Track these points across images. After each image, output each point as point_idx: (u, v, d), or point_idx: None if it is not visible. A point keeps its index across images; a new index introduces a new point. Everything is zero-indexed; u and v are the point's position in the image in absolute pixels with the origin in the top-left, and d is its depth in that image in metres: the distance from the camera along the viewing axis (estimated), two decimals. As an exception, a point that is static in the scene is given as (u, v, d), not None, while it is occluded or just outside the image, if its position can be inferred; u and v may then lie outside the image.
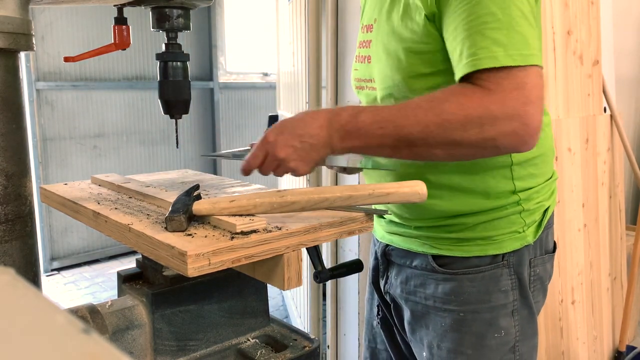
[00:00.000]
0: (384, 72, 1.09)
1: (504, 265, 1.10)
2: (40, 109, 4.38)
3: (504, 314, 1.10)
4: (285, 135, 0.95)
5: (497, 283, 1.10)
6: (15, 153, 0.98)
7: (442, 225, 1.11)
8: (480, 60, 0.88)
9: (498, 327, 1.10)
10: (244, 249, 0.80)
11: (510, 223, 1.09)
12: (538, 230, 1.13)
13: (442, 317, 1.12)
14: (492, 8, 0.89)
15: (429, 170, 1.08)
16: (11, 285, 0.30)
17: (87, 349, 0.25)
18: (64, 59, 1.23)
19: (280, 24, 3.40)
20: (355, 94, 1.27)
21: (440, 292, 1.12)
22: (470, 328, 1.10)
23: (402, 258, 1.19)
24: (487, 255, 1.09)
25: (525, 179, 1.10)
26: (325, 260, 1.76)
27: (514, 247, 1.10)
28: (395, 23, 1.05)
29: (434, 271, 1.12)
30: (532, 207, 1.11)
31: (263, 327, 1.10)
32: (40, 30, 4.28)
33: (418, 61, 1.02)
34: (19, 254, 1.00)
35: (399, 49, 1.04)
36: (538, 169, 1.12)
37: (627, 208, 3.20)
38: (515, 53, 0.88)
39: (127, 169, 4.82)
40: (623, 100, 3.09)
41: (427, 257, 1.13)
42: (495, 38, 0.88)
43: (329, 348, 2.53)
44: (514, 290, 1.11)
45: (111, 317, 0.96)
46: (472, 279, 1.10)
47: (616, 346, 2.71)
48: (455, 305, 1.11)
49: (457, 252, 1.11)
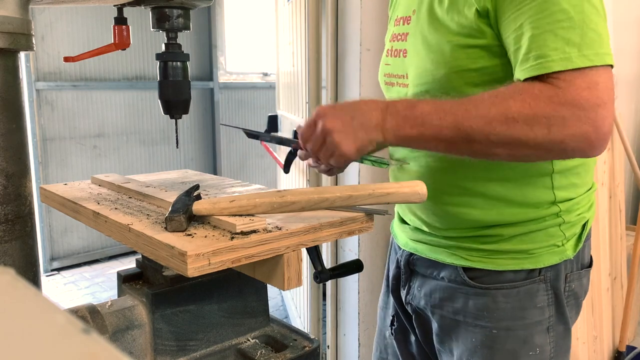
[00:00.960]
0: (423, 67, 1.02)
1: (540, 281, 1.03)
2: (40, 109, 4.38)
3: (539, 331, 1.04)
4: (337, 110, 0.93)
5: (532, 299, 1.03)
6: (15, 153, 0.98)
7: (475, 236, 1.05)
8: (552, 63, 0.82)
9: (533, 345, 1.04)
10: (244, 249, 0.80)
11: (549, 236, 1.03)
12: (578, 244, 1.06)
13: (473, 333, 1.06)
14: (563, 5, 0.83)
15: (462, 177, 1.03)
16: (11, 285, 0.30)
17: (87, 349, 0.25)
18: (64, 59, 1.23)
19: (279, 24, 3.40)
20: (384, 92, 1.19)
21: (471, 306, 1.05)
22: (503, 345, 1.04)
23: (428, 268, 1.12)
24: (523, 270, 1.03)
25: (566, 189, 1.03)
26: (325, 260, 1.76)
27: (552, 262, 1.03)
28: (440, 15, 0.98)
29: (464, 284, 1.06)
30: (573, 219, 1.04)
31: (263, 327, 1.10)
32: (40, 30, 4.28)
33: (464, 56, 0.95)
34: (19, 254, 1.00)
35: (443, 42, 0.97)
36: (580, 178, 1.06)
37: (627, 208, 3.20)
38: (590, 53, 0.82)
39: (127, 169, 4.82)
40: (623, 100, 3.09)
41: (457, 269, 1.06)
42: (568, 38, 0.82)
43: (329, 348, 2.53)
44: (550, 307, 1.04)
45: (111, 317, 0.96)
46: (506, 294, 1.03)
47: (616, 346, 2.71)
48: (487, 321, 1.04)
49: (490, 265, 1.04)
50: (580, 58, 0.82)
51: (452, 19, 0.96)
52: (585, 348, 2.40)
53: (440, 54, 0.98)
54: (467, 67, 0.96)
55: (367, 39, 2.16)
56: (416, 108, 0.90)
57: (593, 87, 0.81)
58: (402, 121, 0.90)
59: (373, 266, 2.36)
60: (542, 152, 0.85)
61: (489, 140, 0.85)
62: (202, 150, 5.47)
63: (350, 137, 0.91)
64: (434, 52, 0.99)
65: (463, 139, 0.87)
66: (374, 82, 2.22)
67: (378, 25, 2.18)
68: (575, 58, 0.82)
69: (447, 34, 0.97)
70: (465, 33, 0.95)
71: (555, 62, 0.82)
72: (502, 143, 0.85)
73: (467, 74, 0.96)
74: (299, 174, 2.81)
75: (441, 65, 0.98)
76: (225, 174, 5.53)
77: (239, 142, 5.73)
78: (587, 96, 0.81)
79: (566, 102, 0.81)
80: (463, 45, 0.95)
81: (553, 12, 0.83)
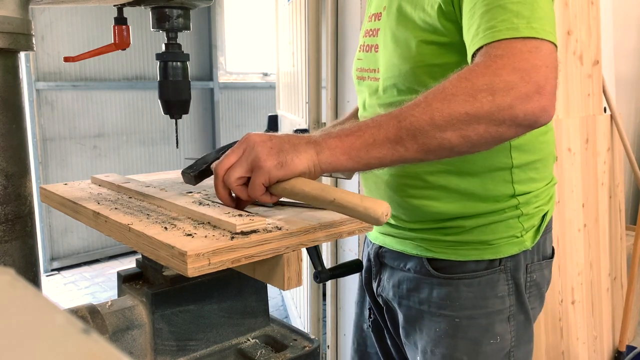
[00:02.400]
0: (390, 61, 1.04)
1: (501, 271, 1.07)
2: (40, 109, 4.38)
3: (500, 320, 1.08)
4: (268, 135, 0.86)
5: (493, 288, 1.07)
6: (15, 153, 0.98)
7: (438, 228, 1.08)
8: (499, 32, 0.80)
9: (494, 333, 1.08)
10: (244, 249, 0.80)
11: (509, 227, 1.07)
12: (536, 235, 1.10)
13: (437, 322, 1.10)
14: None
15: (424, 171, 1.06)
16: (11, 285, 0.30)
17: (87, 349, 0.25)
18: (64, 59, 1.23)
19: (280, 24, 3.40)
20: (356, 85, 1.22)
21: (435, 296, 1.09)
22: (465, 334, 1.08)
23: (395, 260, 1.16)
24: (484, 260, 1.07)
25: (525, 183, 1.07)
26: (325, 260, 1.76)
27: (511, 252, 1.07)
28: (408, 11, 1.01)
29: (428, 275, 1.10)
30: (531, 211, 1.08)
31: (263, 327, 1.10)
32: (40, 30, 4.28)
33: (429, 51, 0.98)
34: (19, 254, 1.00)
35: (409, 37, 1.00)
36: (539, 173, 1.10)
37: (627, 208, 3.20)
38: (537, 26, 0.80)
39: (127, 169, 4.82)
40: (623, 100, 3.09)
41: (421, 260, 1.10)
42: (517, 11, 0.81)
43: (329, 348, 2.53)
44: (511, 296, 1.08)
45: (111, 317, 0.96)
46: (468, 284, 1.07)
47: (616, 346, 2.71)
48: (450, 310, 1.08)
49: (453, 255, 1.08)
50: (528, 29, 0.80)
51: (418, 16, 0.99)
52: (585, 348, 2.40)
53: (406, 49, 1.01)
54: (432, 62, 0.98)
55: (367, 39, 2.16)
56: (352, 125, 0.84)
57: (534, 51, 0.79)
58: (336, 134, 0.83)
59: (373, 266, 2.36)
60: (494, 124, 0.78)
61: (434, 123, 0.78)
62: (202, 150, 5.47)
63: (274, 149, 0.82)
64: (400, 47, 1.02)
65: (408, 133, 0.79)
66: (374, 82, 2.22)
67: (378, 25, 2.18)
68: (523, 28, 0.80)
69: (413, 29, 1.00)
70: (430, 30, 0.97)
71: (501, 31, 0.80)
72: (449, 123, 0.78)
73: (431, 68, 0.98)
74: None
75: (407, 60, 1.00)
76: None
77: (239, 142, 5.73)
78: (527, 57, 0.78)
79: (506, 65, 0.78)
80: (427, 42, 0.98)
81: None
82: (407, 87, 1.03)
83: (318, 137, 0.84)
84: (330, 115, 2.33)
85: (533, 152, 1.08)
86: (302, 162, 0.82)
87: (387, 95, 1.08)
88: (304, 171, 0.83)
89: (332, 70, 2.29)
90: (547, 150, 1.12)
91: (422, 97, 0.81)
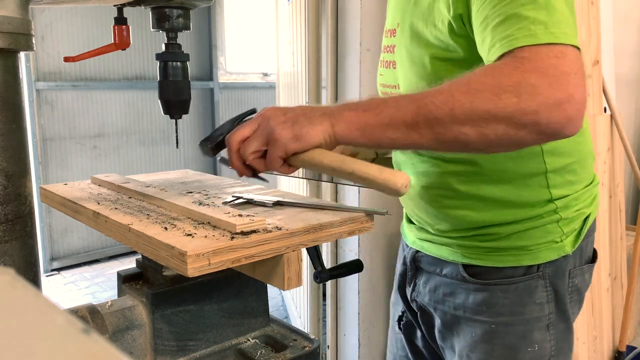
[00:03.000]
0: (409, 79, 1.04)
1: (539, 277, 1.04)
2: (40, 109, 4.38)
3: (538, 327, 1.05)
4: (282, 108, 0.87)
5: (531, 295, 1.04)
6: (15, 153, 0.98)
7: (474, 235, 1.06)
8: (517, 40, 0.77)
9: (532, 341, 1.05)
10: (244, 249, 0.80)
11: (547, 232, 1.03)
12: (577, 240, 1.06)
13: (473, 328, 1.08)
14: None
15: (457, 180, 1.04)
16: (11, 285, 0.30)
17: (87, 349, 0.25)
18: (64, 59, 1.23)
19: (279, 24, 3.40)
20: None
21: (471, 302, 1.07)
22: (502, 340, 1.06)
23: (432, 265, 1.15)
24: (521, 266, 1.04)
25: (562, 186, 1.03)
26: (325, 260, 1.76)
27: (550, 258, 1.04)
28: (419, 29, 1.00)
29: (464, 280, 1.08)
30: (571, 215, 1.04)
31: (263, 327, 1.10)
32: (40, 30, 4.28)
33: (443, 68, 0.96)
34: (19, 254, 1.00)
35: (423, 54, 0.99)
36: (576, 175, 1.06)
37: (627, 208, 3.20)
38: (557, 31, 0.77)
39: (127, 169, 4.82)
40: (623, 100, 3.09)
41: (457, 266, 1.08)
42: (533, 17, 0.78)
43: (329, 348, 2.53)
44: (550, 303, 1.05)
45: (111, 317, 0.96)
46: (504, 289, 1.05)
47: (616, 346, 2.71)
48: (486, 316, 1.06)
49: (489, 262, 1.05)
50: (547, 35, 0.77)
51: (430, 33, 0.97)
52: (585, 348, 2.40)
53: (421, 66, 0.99)
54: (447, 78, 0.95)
55: (367, 39, 2.16)
56: (371, 101, 0.84)
57: (561, 57, 0.76)
58: (353, 107, 0.83)
59: (373, 266, 2.36)
60: (515, 127, 0.76)
61: (454, 116, 0.76)
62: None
63: (288, 122, 0.82)
64: (416, 65, 1.01)
65: (424, 120, 0.78)
66: (373, 82, 2.22)
67: (378, 26, 2.18)
68: (542, 34, 0.77)
69: (426, 47, 0.98)
70: (442, 47, 0.96)
71: (519, 39, 0.77)
72: (469, 118, 0.76)
73: None
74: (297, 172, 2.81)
75: (423, 77, 0.99)
76: (225, 174, 5.54)
77: (239, 142, 5.73)
78: (555, 64, 0.75)
79: (534, 70, 0.75)
80: (441, 58, 0.96)
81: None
82: None
83: (334, 109, 0.83)
84: (330, 115, 2.33)
85: (568, 154, 1.04)
86: (317, 134, 0.82)
87: None
88: (319, 142, 0.83)
89: (332, 70, 2.29)
90: (584, 151, 1.08)
91: (446, 86, 0.79)
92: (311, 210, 0.98)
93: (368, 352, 2.42)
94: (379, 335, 2.45)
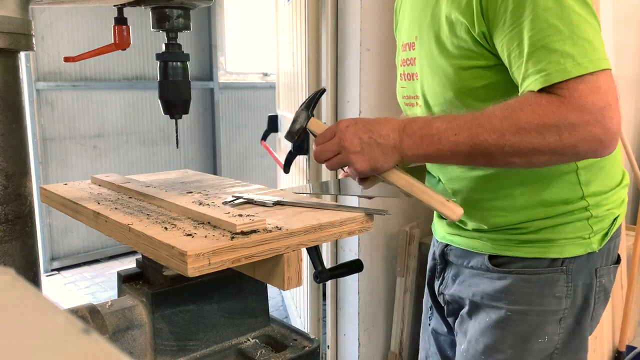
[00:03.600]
0: (433, 89, 1.08)
1: (562, 271, 1.07)
2: (40, 109, 4.38)
3: (552, 320, 1.08)
4: (357, 126, 0.97)
5: (552, 287, 1.07)
6: (15, 153, 0.98)
7: (505, 229, 1.10)
8: (550, 76, 0.87)
9: (544, 332, 1.08)
10: (244, 249, 0.80)
11: (576, 229, 1.06)
12: (604, 239, 1.09)
13: (489, 313, 1.11)
14: (551, 20, 0.87)
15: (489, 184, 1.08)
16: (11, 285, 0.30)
17: (87, 349, 0.25)
18: (64, 59, 1.23)
19: (279, 24, 3.40)
20: (405, 112, 1.27)
21: (492, 289, 1.11)
22: (515, 328, 1.08)
23: (460, 258, 1.18)
24: (546, 258, 1.07)
25: (593, 183, 1.07)
26: (325, 260, 1.76)
27: (576, 253, 1.06)
28: (440, 40, 1.03)
29: (488, 270, 1.11)
30: (602, 214, 1.08)
31: (263, 327, 1.10)
32: (40, 30, 4.28)
33: (468, 76, 1.01)
34: (19, 254, 1.00)
35: (446, 65, 1.03)
36: (607, 171, 1.09)
37: (627, 208, 3.20)
38: (584, 60, 0.86)
39: (127, 169, 4.82)
40: (623, 101, 3.09)
41: (483, 257, 1.12)
42: (561, 50, 0.87)
43: (329, 348, 2.53)
44: (568, 298, 1.07)
45: (111, 317, 0.96)
46: (527, 279, 1.07)
47: (616, 346, 2.71)
48: (504, 303, 1.09)
49: (516, 252, 1.09)
50: (576, 67, 0.86)
51: (452, 43, 1.01)
52: (585, 348, 2.40)
53: (445, 76, 1.03)
54: (473, 86, 1.01)
55: (367, 39, 2.16)
56: (432, 126, 0.94)
57: (596, 91, 0.85)
58: (418, 140, 0.95)
59: (373, 266, 2.36)
60: (557, 157, 0.90)
61: (504, 151, 0.90)
62: (202, 150, 5.47)
63: (366, 157, 0.96)
64: (439, 75, 1.05)
65: (480, 153, 0.92)
66: (374, 82, 2.22)
67: (378, 25, 2.18)
68: (571, 67, 0.86)
69: (449, 57, 1.02)
70: (466, 55, 1.00)
71: (552, 74, 0.87)
72: (517, 153, 0.90)
73: (474, 92, 1.01)
74: (299, 174, 2.81)
75: (448, 87, 1.03)
76: (225, 174, 5.54)
77: (239, 142, 5.74)
78: (592, 100, 0.85)
79: (573, 109, 0.85)
80: (465, 67, 1.00)
81: (542, 28, 0.88)
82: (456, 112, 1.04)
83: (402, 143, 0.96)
84: (330, 115, 2.33)
85: None
86: (389, 165, 0.98)
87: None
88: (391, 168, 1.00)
89: (332, 70, 2.29)
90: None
91: (497, 123, 0.90)
92: (311, 210, 0.98)
93: (368, 352, 2.42)
94: (379, 335, 2.45)
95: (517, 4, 0.90)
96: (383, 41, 2.20)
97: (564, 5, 0.88)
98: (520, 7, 0.89)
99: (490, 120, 0.90)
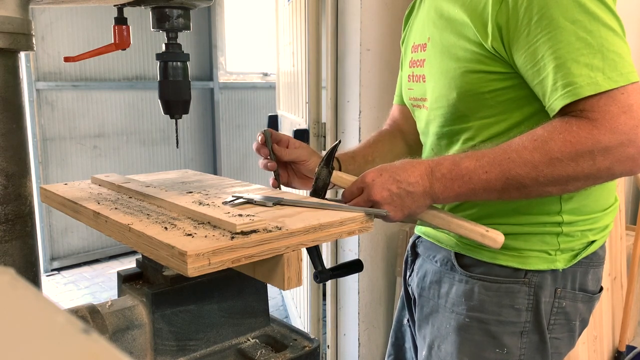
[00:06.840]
0: (438, 92, 1.07)
1: (524, 283, 1.04)
2: (40, 109, 4.38)
3: (511, 332, 1.05)
4: (383, 178, 0.95)
5: (512, 298, 1.04)
6: (15, 153, 0.98)
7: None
8: (581, 89, 0.85)
9: (501, 344, 1.05)
10: (244, 249, 0.80)
11: (543, 242, 1.04)
12: (572, 260, 1.05)
13: (448, 319, 1.10)
14: (579, 33, 0.85)
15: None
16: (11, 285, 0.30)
17: (87, 349, 0.25)
18: (64, 59, 1.23)
19: (280, 24, 3.40)
20: (413, 113, 1.26)
21: (453, 292, 1.09)
22: (472, 335, 1.07)
23: (427, 250, 1.19)
24: (508, 267, 1.05)
25: (574, 200, 1.03)
26: (325, 260, 1.76)
27: (538, 267, 1.04)
28: (452, 42, 1.02)
29: (452, 270, 1.10)
30: (574, 233, 1.04)
31: (263, 327, 1.10)
32: (40, 30, 4.28)
33: (476, 80, 0.99)
34: (19, 254, 1.00)
35: (455, 67, 1.01)
36: (592, 194, 1.05)
37: (627, 208, 3.20)
38: (614, 74, 0.85)
39: (127, 169, 4.82)
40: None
41: (450, 253, 1.12)
42: (591, 63, 0.85)
43: (329, 348, 2.53)
44: (529, 312, 1.05)
45: (111, 317, 0.96)
46: (487, 287, 1.06)
47: (616, 346, 2.71)
48: (463, 309, 1.07)
49: (478, 255, 1.07)
50: (607, 81, 0.84)
51: (463, 46, 1.00)
52: (585, 348, 2.40)
53: (452, 79, 1.02)
54: (479, 90, 1.00)
55: (367, 39, 2.16)
56: (460, 166, 0.93)
57: (628, 111, 0.84)
58: (449, 183, 0.94)
59: (373, 266, 2.36)
60: (591, 180, 0.89)
61: (539, 182, 0.89)
62: (202, 150, 5.47)
63: (398, 207, 0.96)
64: (446, 78, 1.04)
65: (514, 187, 0.91)
66: (374, 82, 2.22)
67: (378, 25, 2.18)
68: (602, 81, 0.84)
69: (458, 60, 1.01)
70: (475, 59, 0.98)
71: (583, 87, 0.85)
72: (552, 182, 0.88)
73: (480, 96, 1.00)
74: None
75: (453, 89, 1.02)
76: (225, 174, 5.53)
77: (239, 142, 5.74)
78: (624, 120, 0.84)
79: (606, 131, 0.84)
80: (474, 71, 0.99)
81: (570, 41, 0.86)
82: (459, 116, 1.04)
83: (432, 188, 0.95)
84: (330, 115, 2.33)
85: None
86: (422, 210, 0.98)
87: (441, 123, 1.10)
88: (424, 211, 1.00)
89: (332, 70, 2.29)
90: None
91: (528, 155, 0.88)
92: (311, 210, 0.98)
93: (368, 352, 2.42)
94: (379, 335, 2.45)
95: (542, 15, 0.87)
96: (383, 41, 2.20)
97: (593, 17, 0.86)
98: (546, 19, 0.87)
99: (521, 153, 0.89)
